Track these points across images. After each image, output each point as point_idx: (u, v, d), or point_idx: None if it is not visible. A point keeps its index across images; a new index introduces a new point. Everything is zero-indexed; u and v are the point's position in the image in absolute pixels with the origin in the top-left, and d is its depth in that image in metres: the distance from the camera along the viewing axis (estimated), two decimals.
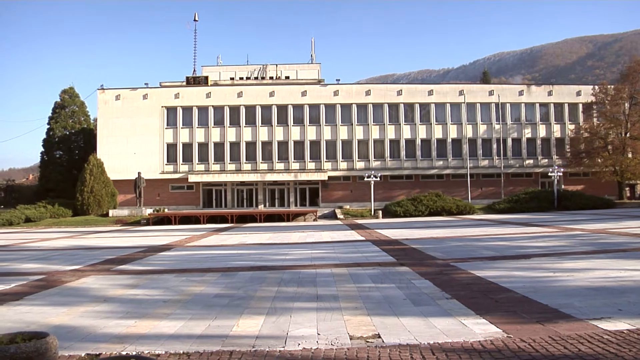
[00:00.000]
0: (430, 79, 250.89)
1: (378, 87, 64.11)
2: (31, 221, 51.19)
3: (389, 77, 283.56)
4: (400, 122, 60.49)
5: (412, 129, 60.72)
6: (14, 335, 5.97)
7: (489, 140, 61.31)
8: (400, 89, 62.55)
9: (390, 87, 65.02)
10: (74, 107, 67.41)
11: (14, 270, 16.17)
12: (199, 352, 6.55)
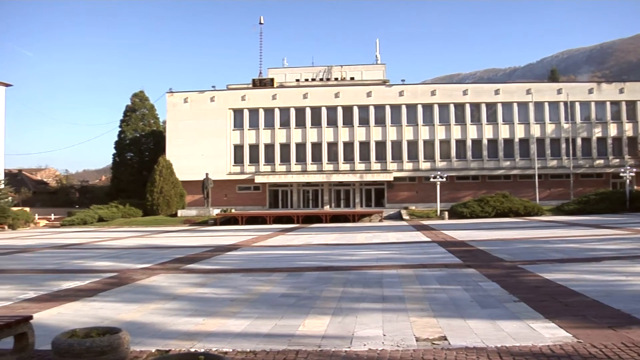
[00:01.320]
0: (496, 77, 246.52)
1: (443, 87, 63.49)
2: (104, 221, 52.74)
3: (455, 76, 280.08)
4: (467, 122, 59.70)
5: (479, 129, 59.83)
6: (89, 330, 6.19)
7: (558, 140, 59.84)
8: (466, 88, 61.74)
9: (456, 87, 64.28)
10: (144, 110, 69.17)
11: (88, 267, 16.71)
12: (266, 351, 6.63)
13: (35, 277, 14.79)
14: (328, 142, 60.27)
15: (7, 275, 15.50)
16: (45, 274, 15.30)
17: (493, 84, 69.07)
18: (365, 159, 59.97)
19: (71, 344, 5.82)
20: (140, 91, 69.83)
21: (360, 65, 72.05)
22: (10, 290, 12.34)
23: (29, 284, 13.14)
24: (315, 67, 71.67)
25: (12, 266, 17.87)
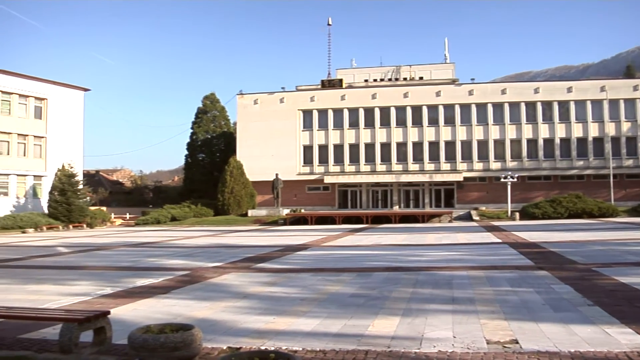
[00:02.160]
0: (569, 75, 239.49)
1: (514, 86, 62.15)
2: (176, 220, 53.93)
3: (525, 74, 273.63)
4: (538, 121, 58.31)
5: (551, 128, 58.36)
6: (163, 326, 6.37)
7: (634, 139, 57.73)
8: (538, 86, 60.36)
9: (527, 85, 62.94)
10: (215, 112, 70.47)
11: (162, 265, 17.14)
12: (335, 350, 6.66)
13: (112, 274, 15.28)
14: (397, 142, 59.95)
15: (86, 271, 16.06)
16: (121, 271, 15.78)
17: (565, 81, 67.09)
18: (434, 159, 59.39)
19: (146, 339, 6.00)
20: (212, 93, 71.25)
21: (429, 64, 71.42)
22: (89, 286, 12.79)
23: (106, 281, 13.59)
24: (384, 67, 71.42)
25: (90, 263, 18.50)
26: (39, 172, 53.62)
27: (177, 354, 5.99)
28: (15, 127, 51.96)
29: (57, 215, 48.11)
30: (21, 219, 46.26)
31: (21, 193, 52.63)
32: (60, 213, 48.10)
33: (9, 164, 51.22)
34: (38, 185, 53.99)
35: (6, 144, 51.63)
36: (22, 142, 52.86)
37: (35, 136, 53.54)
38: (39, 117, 54.05)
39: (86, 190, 55.41)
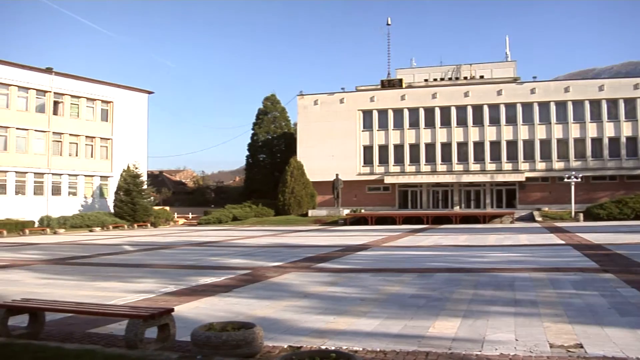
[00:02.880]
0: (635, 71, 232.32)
1: (577, 83, 60.46)
2: (238, 220, 54.62)
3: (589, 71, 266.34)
4: (603, 119, 56.63)
5: (616, 126, 56.62)
6: (225, 324, 6.49)
7: None
8: (602, 84, 58.64)
9: (591, 83, 61.20)
10: (275, 113, 71.03)
11: (223, 264, 17.40)
12: (396, 351, 6.65)
13: (175, 272, 15.60)
14: (458, 142, 59.25)
15: (150, 269, 16.44)
16: (184, 270, 16.09)
17: (632, 78, 64.85)
18: (496, 158, 58.44)
19: (209, 337, 6.13)
20: (272, 94, 71.85)
21: (490, 63, 70.25)
22: (153, 283, 13.09)
23: (169, 279, 13.88)
24: (444, 67, 70.67)
25: (154, 261, 18.93)
26: (106, 173, 55.14)
27: (239, 352, 6.09)
28: (83, 130, 53.59)
29: (123, 214, 49.38)
30: (89, 218, 47.69)
31: (89, 193, 54.22)
32: (125, 212, 49.34)
33: (78, 165, 52.83)
34: (104, 186, 55.51)
35: (75, 146, 53.28)
36: (89, 144, 54.45)
37: (102, 138, 55.09)
38: (105, 119, 55.58)
39: (150, 191, 56.74)
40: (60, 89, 51.52)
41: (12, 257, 21.65)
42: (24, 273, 16.16)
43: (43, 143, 50.64)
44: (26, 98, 49.63)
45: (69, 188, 52.54)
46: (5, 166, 47.55)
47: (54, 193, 51.04)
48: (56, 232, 42.49)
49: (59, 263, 19.26)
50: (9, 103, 48.33)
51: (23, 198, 48.69)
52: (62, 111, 52.31)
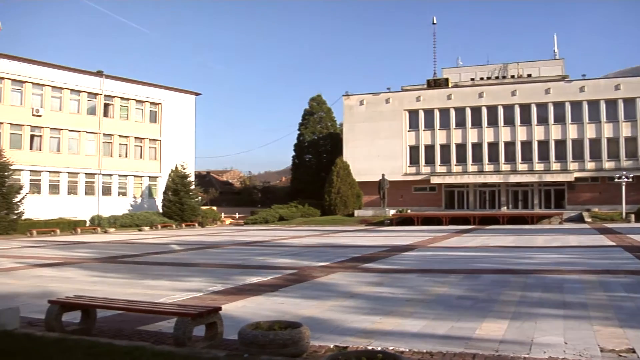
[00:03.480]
0: None
1: (628, 81, 58.81)
2: (284, 220, 54.92)
3: None
4: None
5: None
6: (272, 323, 6.54)
7: None
8: None
9: None
10: (321, 114, 71.17)
11: (270, 264, 17.52)
12: (442, 353, 6.62)
13: (222, 271, 15.77)
14: (505, 142, 58.43)
15: (198, 268, 16.66)
16: (231, 269, 16.26)
17: None
18: (544, 158, 57.45)
19: (256, 336, 6.18)
20: (318, 95, 72.04)
21: (537, 61, 69.00)
22: (201, 282, 13.26)
23: (216, 278, 14.04)
24: (490, 65, 69.73)
25: (202, 260, 19.17)
26: (154, 174, 56.05)
27: (286, 351, 6.13)
28: (133, 131, 54.62)
29: (171, 214, 50.11)
30: (138, 218, 48.56)
31: (138, 193, 55.20)
32: (173, 212, 50.07)
33: (127, 165, 53.85)
34: (153, 186, 56.43)
35: (124, 147, 54.32)
36: (138, 145, 55.44)
37: (150, 139, 56.03)
38: (154, 121, 56.51)
39: (198, 191, 57.44)
40: (110, 91, 52.62)
41: (65, 255, 22.19)
42: (76, 271, 16.56)
43: (94, 144, 51.78)
44: (78, 101, 50.84)
45: (119, 188, 53.60)
46: (59, 167, 48.79)
47: (104, 193, 52.14)
48: (106, 231, 43.39)
49: (109, 261, 19.67)
50: (62, 106, 49.59)
51: (75, 198, 49.86)
52: (112, 113, 53.41)
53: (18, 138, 46.58)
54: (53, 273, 16.07)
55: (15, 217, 38.97)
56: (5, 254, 22.86)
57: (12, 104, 46.16)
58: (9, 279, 14.88)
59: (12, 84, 46.15)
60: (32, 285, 13.47)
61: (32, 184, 46.85)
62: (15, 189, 39.45)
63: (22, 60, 46.88)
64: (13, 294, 11.89)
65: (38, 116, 47.32)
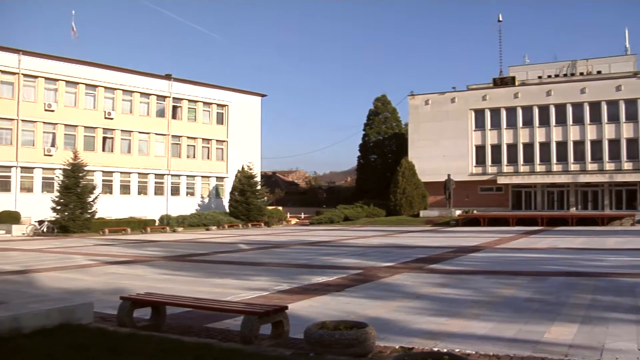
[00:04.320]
0: None
1: None
2: (349, 220, 54.99)
3: None
4: None
5: None
6: (337, 323, 6.59)
7: None
8: None
9: None
10: (386, 114, 70.93)
11: (335, 264, 17.60)
12: (509, 356, 6.53)
13: (288, 270, 15.92)
14: (574, 141, 56.97)
15: (264, 267, 16.87)
16: (296, 268, 16.40)
17: None
18: (615, 158, 55.73)
19: (321, 335, 6.24)
20: (383, 95, 71.83)
21: (608, 57, 66.86)
22: (267, 281, 13.43)
23: (282, 277, 14.19)
24: (558, 63, 68.01)
25: (268, 260, 19.40)
26: (221, 174, 56.99)
27: (351, 351, 6.16)
28: (200, 133, 55.74)
29: (237, 214, 50.80)
30: (205, 217, 49.42)
31: (205, 193, 56.24)
32: (240, 212, 50.75)
33: (195, 166, 54.94)
34: (220, 186, 57.39)
35: (192, 148, 55.45)
36: (206, 146, 56.50)
37: (217, 140, 57.04)
38: (220, 122, 57.48)
39: (264, 191, 58.05)
40: (178, 94, 53.84)
41: (136, 253, 22.80)
42: (146, 268, 17.02)
43: (163, 146, 53.06)
44: (147, 104, 52.23)
45: (187, 188, 54.76)
46: (129, 168, 50.20)
47: (173, 193, 53.36)
48: (175, 230, 44.36)
49: (177, 260, 20.13)
50: (132, 109, 51.04)
51: (145, 198, 51.20)
52: (180, 115, 54.62)
53: (91, 140, 48.20)
54: (124, 270, 16.56)
55: (89, 216, 40.16)
56: (79, 252, 23.66)
57: (85, 108, 47.85)
58: (83, 275, 15.41)
59: (86, 88, 47.86)
60: (105, 281, 13.93)
61: (105, 184, 48.37)
62: (88, 189, 40.69)
63: (95, 66, 48.49)
64: (87, 290, 12.32)
65: (110, 119, 48.86)
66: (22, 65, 43.98)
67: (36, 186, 44.88)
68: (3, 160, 43.08)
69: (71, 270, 16.82)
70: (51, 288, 12.77)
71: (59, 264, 18.66)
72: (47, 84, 45.83)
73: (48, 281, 14.11)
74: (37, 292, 10.77)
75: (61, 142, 46.13)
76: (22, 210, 41.50)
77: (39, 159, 44.74)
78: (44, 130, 45.58)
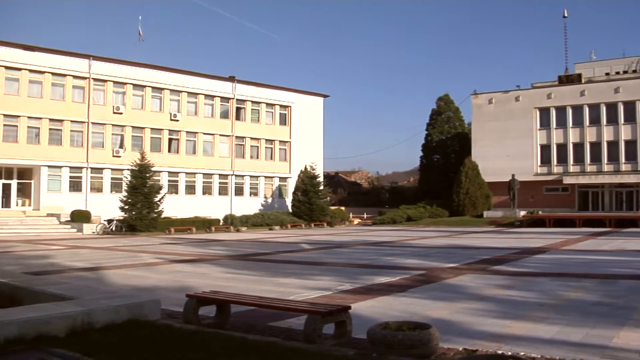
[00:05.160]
0: None
1: None
2: (412, 220, 54.67)
3: None
4: None
5: None
6: (400, 324, 6.59)
7: None
8: None
9: None
10: (449, 113, 70.17)
11: (398, 264, 17.56)
12: None
13: (351, 270, 15.97)
14: None
15: (327, 267, 16.97)
16: (359, 269, 16.44)
17: None
18: None
19: (385, 335, 6.26)
20: (445, 94, 71.03)
21: None
22: (330, 281, 13.51)
23: (345, 277, 14.25)
24: (627, 59, 65.82)
25: (331, 260, 19.49)
26: (284, 174, 57.49)
27: (414, 352, 6.16)
28: (263, 133, 56.41)
29: (300, 214, 51.12)
30: (268, 217, 49.93)
31: (268, 193, 56.85)
32: (302, 212, 51.04)
33: (258, 167, 55.60)
34: (283, 186, 57.89)
35: (256, 149, 56.12)
36: (269, 147, 57.12)
37: (280, 141, 57.58)
38: (283, 123, 58.00)
39: (326, 191, 58.25)
40: (242, 95, 54.58)
41: (200, 252, 23.24)
42: (210, 267, 17.34)
43: (227, 147, 53.89)
44: (212, 105, 53.16)
45: (251, 188, 55.46)
46: (194, 168, 51.19)
47: (236, 193, 54.13)
48: (239, 230, 44.95)
49: (241, 259, 20.43)
50: (197, 110, 52.04)
51: (209, 198, 52.12)
52: (244, 116, 55.36)
53: (158, 142, 49.37)
54: (189, 269, 16.91)
55: (156, 215, 41.06)
56: (146, 250, 24.27)
57: (152, 110, 49.07)
58: (151, 273, 15.83)
59: (152, 91, 49.12)
60: (171, 279, 14.28)
61: (170, 184, 49.45)
62: (155, 189, 41.61)
63: (161, 69, 49.71)
64: (154, 287, 12.65)
65: (175, 121, 49.93)
66: (92, 70, 45.44)
67: (105, 186, 46.30)
68: (75, 162, 44.62)
69: (139, 268, 17.30)
70: (120, 285, 13.19)
71: (127, 261, 19.22)
72: (116, 88, 47.25)
73: (117, 278, 14.56)
74: (107, 289, 11.09)
75: (129, 144, 47.44)
76: (92, 209, 42.77)
77: (108, 160, 46.15)
78: (112, 132, 47.00)
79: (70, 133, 44.96)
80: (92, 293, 8.58)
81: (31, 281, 9.82)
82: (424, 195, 63.51)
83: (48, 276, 13.63)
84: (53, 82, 44.17)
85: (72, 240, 31.33)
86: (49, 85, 43.91)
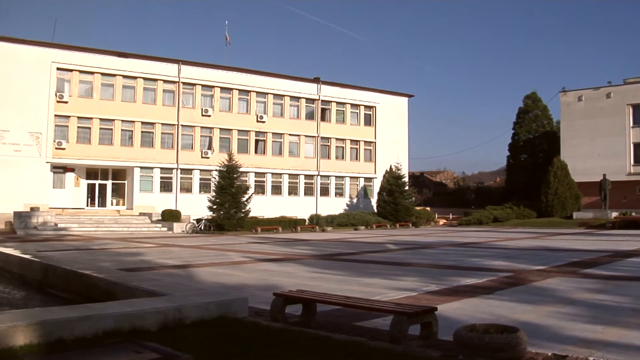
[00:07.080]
0: None
1: None
2: (498, 221, 53.67)
3: None
4: None
5: None
6: (487, 326, 6.54)
7: None
8: None
9: None
10: (536, 112, 68.35)
11: (484, 266, 17.35)
12: None
13: (436, 271, 15.90)
14: None
15: (412, 268, 16.94)
16: (445, 269, 16.35)
17: None
18: None
19: (471, 338, 6.23)
20: (533, 92, 69.20)
21: None
22: (415, 282, 13.50)
23: (431, 278, 14.20)
24: None
25: (415, 260, 19.44)
26: (369, 175, 57.56)
27: (501, 355, 6.10)
28: (348, 134, 56.70)
29: (385, 214, 51.05)
30: (354, 217, 50.12)
31: (354, 193, 57.05)
32: (387, 212, 50.96)
33: (343, 167, 55.90)
34: (368, 187, 57.97)
35: (341, 150, 56.46)
36: (354, 147, 57.32)
37: (365, 141, 57.69)
38: (368, 123, 58.09)
39: (412, 191, 57.91)
40: (326, 96, 55.02)
41: (286, 252, 23.60)
42: (296, 266, 17.62)
43: (312, 147, 54.46)
44: (297, 107, 53.86)
45: (336, 189, 55.83)
46: (280, 169, 52.02)
47: (322, 194, 54.59)
48: (324, 230, 45.30)
49: (327, 258, 20.63)
50: (283, 112, 52.87)
51: (295, 198, 52.79)
52: (329, 117, 55.79)
53: (245, 143, 50.43)
54: (275, 268, 17.21)
55: (243, 215, 41.87)
56: (234, 249, 24.84)
57: (239, 112, 50.20)
58: (238, 271, 16.22)
59: (239, 93, 50.27)
60: (258, 278, 14.58)
61: (257, 184, 50.43)
62: (242, 189, 42.44)
63: (247, 72, 50.83)
64: (241, 285, 12.95)
65: (262, 122, 50.82)
66: (181, 74, 46.92)
67: (194, 186, 47.69)
68: (165, 163, 46.17)
69: (226, 266, 17.76)
70: (209, 282, 13.57)
71: (216, 259, 19.76)
72: (204, 91, 48.61)
73: (206, 275, 14.99)
74: (197, 286, 11.47)
75: (217, 145, 48.69)
76: (182, 209, 44.10)
77: (197, 161, 47.50)
78: (201, 134, 48.38)
79: (161, 135, 46.61)
80: (182, 290, 8.88)
81: (126, 277, 10.24)
82: (510, 196, 62.18)
83: (141, 273, 14.21)
84: (145, 87, 45.98)
85: (163, 239, 32.39)
86: (141, 90, 45.70)
